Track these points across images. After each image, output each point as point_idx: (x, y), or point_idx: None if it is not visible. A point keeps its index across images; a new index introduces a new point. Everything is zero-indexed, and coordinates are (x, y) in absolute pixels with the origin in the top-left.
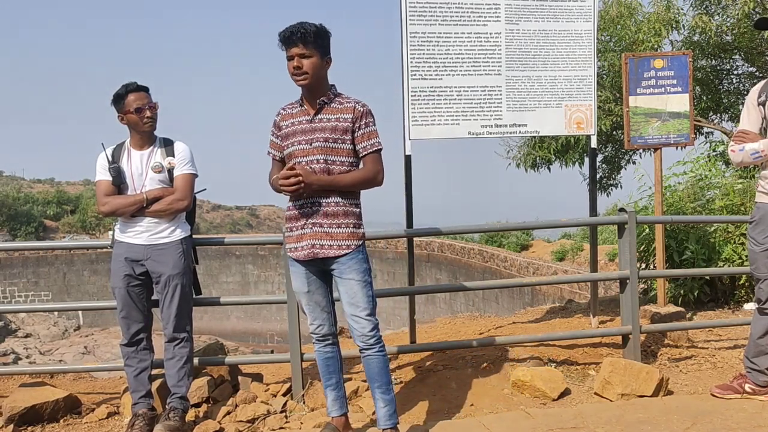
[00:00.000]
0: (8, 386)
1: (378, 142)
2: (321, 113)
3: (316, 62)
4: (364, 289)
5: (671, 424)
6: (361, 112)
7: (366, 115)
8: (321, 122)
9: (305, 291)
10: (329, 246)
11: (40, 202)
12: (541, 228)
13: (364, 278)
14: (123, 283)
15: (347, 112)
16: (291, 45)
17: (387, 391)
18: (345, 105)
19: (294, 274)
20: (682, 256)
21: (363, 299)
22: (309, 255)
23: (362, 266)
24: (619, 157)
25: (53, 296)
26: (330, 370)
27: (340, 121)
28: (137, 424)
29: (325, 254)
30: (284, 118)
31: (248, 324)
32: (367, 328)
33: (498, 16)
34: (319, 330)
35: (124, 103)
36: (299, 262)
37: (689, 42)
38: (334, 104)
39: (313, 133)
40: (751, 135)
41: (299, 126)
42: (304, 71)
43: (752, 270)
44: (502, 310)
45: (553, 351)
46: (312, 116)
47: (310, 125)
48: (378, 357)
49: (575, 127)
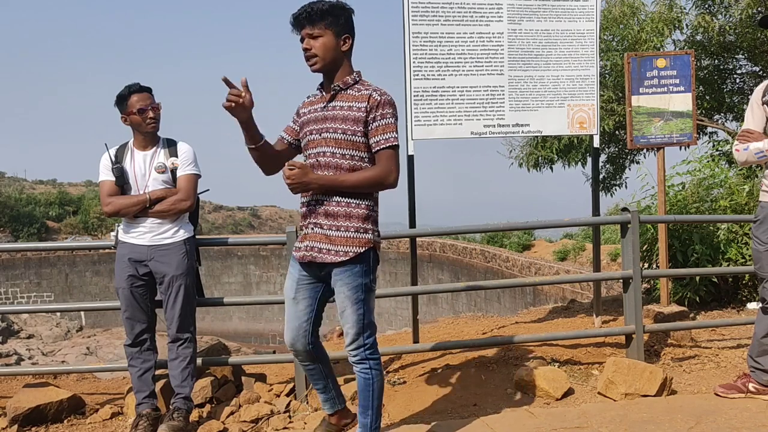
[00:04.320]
0: (12, 387)
1: (394, 137)
2: (335, 100)
3: (327, 42)
4: (355, 306)
5: (675, 423)
6: (378, 101)
7: (383, 105)
8: (333, 110)
9: (291, 297)
10: (327, 251)
11: (43, 203)
12: (544, 228)
13: (356, 296)
14: (126, 283)
15: (362, 100)
16: (300, 27)
17: (364, 414)
18: (362, 93)
19: (289, 274)
20: (686, 256)
21: (351, 317)
22: (305, 258)
23: (357, 281)
24: (622, 156)
25: (56, 297)
26: (315, 378)
27: (353, 110)
28: (141, 424)
29: (322, 259)
30: (306, 104)
31: (250, 324)
32: (351, 346)
33: (500, 16)
34: (292, 344)
35: (127, 104)
36: (298, 263)
37: (692, 41)
38: (350, 91)
39: (325, 122)
40: (756, 134)
41: (313, 114)
42: (314, 53)
43: (756, 269)
44: (504, 310)
45: (556, 351)
46: (326, 103)
47: (323, 113)
48: (360, 377)
49: (578, 127)
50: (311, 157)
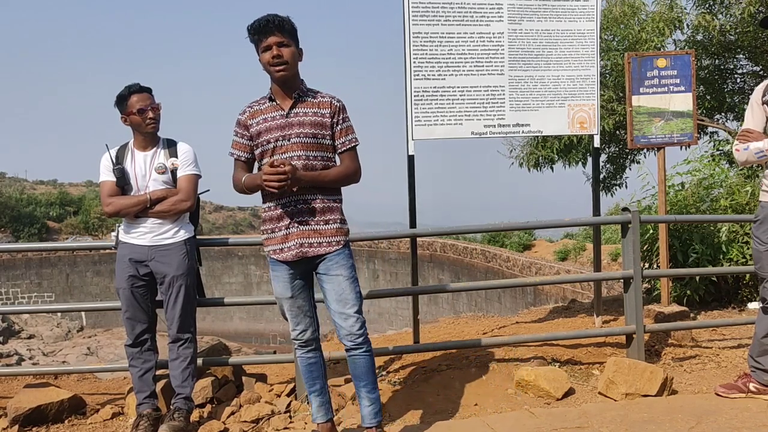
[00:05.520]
0: (12, 387)
1: (355, 138)
2: (297, 107)
3: (293, 52)
4: (352, 284)
5: (676, 423)
6: (338, 107)
7: (343, 110)
8: (297, 117)
9: (288, 296)
10: (318, 243)
11: (43, 204)
12: (544, 228)
13: (351, 274)
14: (127, 284)
15: (324, 107)
16: (268, 34)
17: (373, 390)
18: (321, 99)
19: (276, 278)
20: (687, 256)
21: (351, 295)
22: (298, 255)
23: (349, 262)
24: (623, 156)
25: (56, 297)
26: (314, 376)
27: (318, 116)
28: (142, 424)
29: (315, 252)
30: (253, 115)
31: (251, 325)
32: (356, 327)
33: (501, 16)
34: (301, 336)
35: (126, 104)
36: (284, 264)
37: (692, 41)
38: (308, 98)
39: (290, 128)
40: (756, 134)
41: (273, 122)
42: (285, 60)
43: (757, 269)
44: (504, 310)
45: (557, 351)
46: (287, 111)
47: (286, 120)
48: (366, 357)
49: (578, 127)
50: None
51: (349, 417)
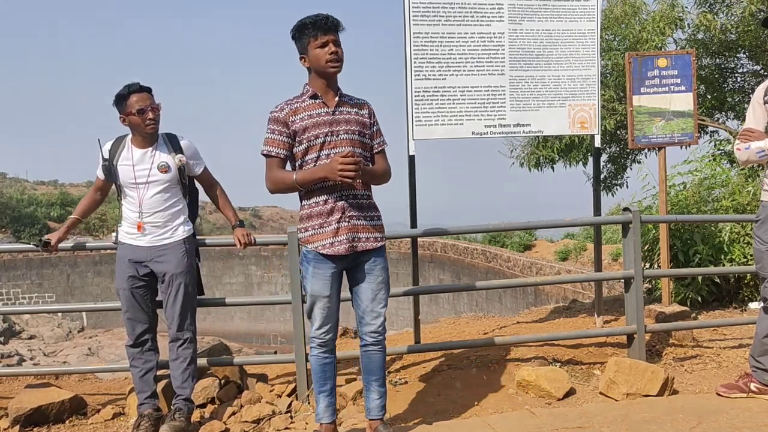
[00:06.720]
0: (13, 387)
1: (385, 140)
2: (341, 106)
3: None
4: (387, 287)
5: (677, 423)
6: (371, 110)
7: (375, 114)
8: (342, 114)
9: (326, 295)
10: (366, 239)
11: (44, 204)
12: (545, 228)
13: (388, 277)
14: (127, 284)
15: (363, 108)
16: (327, 31)
17: (383, 384)
18: (358, 101)
19: (317, 275)
20: (688, 256)
21: (385, 295)
22: (349, 249)
23: (386, 263)
24: (624, 156)
25: (57, 298)
26: (327, 376)
27: (359, 116)
28: (143, 424)
29: (363, 247)
30: (294, 112)
31: (252, 325)
32: (383, 325)
33: (501, 16)
34: (325, 336)
35: (126, 104)
36: (330, 259)
37: (693, 40)
38: (346, 99)
39: (338, 125)
40: (757, 133)
41: (319, 118)
42: (341, 58)
43: (758, 269)
44: (505, 311)
45: (558, 351)
46: (333, 108)
47: (333, 117)
48: (382, 353)
49: (579, 127)
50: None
51: (350, 417)
